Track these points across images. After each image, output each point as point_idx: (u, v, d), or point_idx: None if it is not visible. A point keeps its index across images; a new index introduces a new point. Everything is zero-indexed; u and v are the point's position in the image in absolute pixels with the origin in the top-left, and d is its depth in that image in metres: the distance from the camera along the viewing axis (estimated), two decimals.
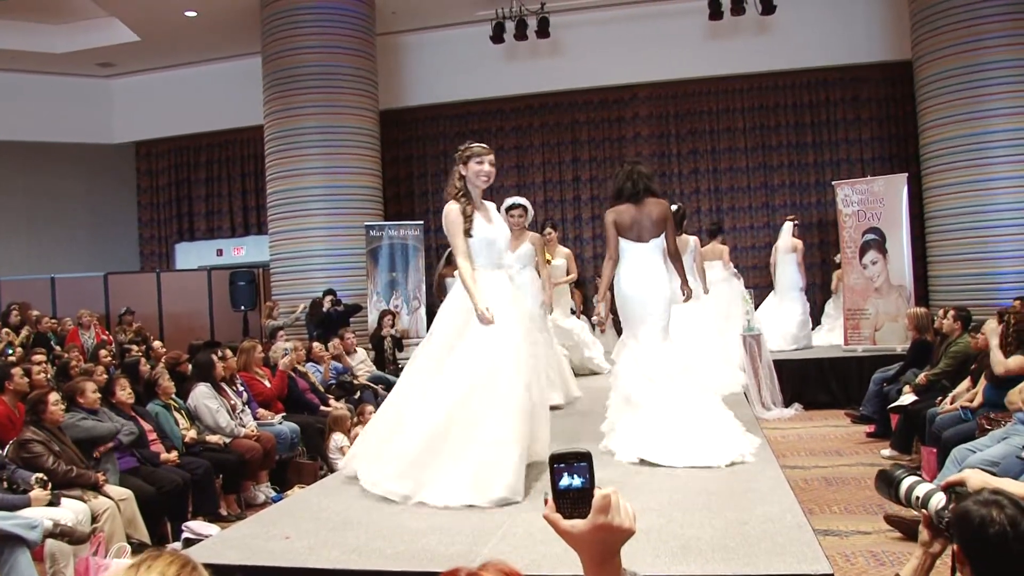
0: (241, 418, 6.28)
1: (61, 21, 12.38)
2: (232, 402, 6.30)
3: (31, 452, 4.50)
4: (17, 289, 11.78)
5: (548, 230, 7.97)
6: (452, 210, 4.01)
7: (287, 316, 10.29)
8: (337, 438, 6.68)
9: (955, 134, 9.71)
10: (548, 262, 7.06)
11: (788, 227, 10.19)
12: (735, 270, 9.50)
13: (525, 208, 6.54)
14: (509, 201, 6.47)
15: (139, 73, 13.80)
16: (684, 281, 4.94)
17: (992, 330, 5.29)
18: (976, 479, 1.72)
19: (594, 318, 6.26)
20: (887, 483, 1.91)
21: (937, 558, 1.77)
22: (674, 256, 4.83)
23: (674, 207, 5.80)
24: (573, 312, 11.97)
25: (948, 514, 1.68)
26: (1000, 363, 5.12)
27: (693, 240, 7.69)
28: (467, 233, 3.99)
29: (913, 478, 1.85)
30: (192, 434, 5.87)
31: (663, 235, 4.73)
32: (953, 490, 1.73)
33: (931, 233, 10.27)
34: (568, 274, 7.96)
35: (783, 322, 9.80)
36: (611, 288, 4.83)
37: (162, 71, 13.67)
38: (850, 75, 11.81)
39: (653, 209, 4.70)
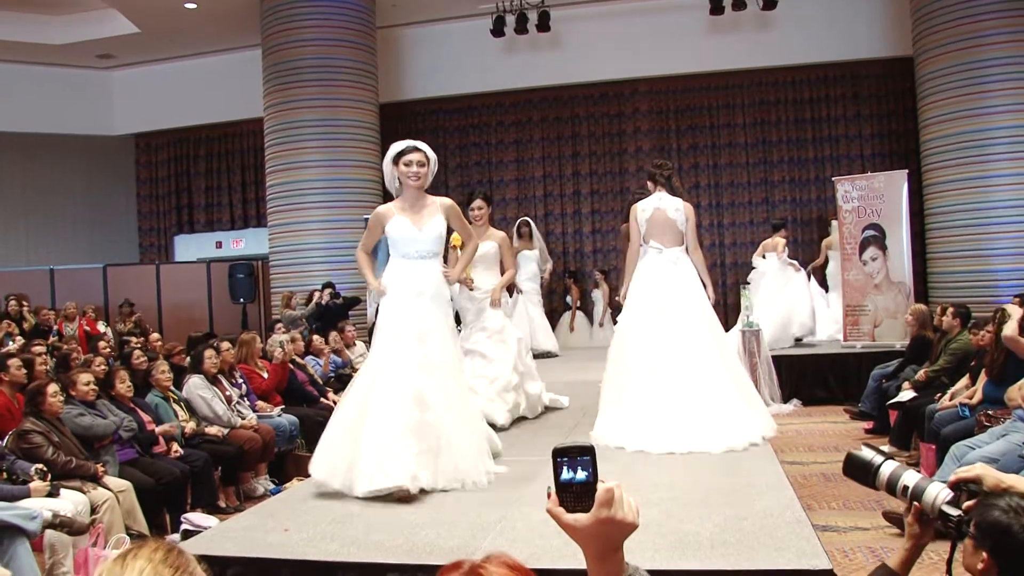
0: (239, 410, 6.28)
1: (60, 12, 12.33)
2: (227, 393, 6.28)
3: (31, 443, 4.50)
4: (16, 281, 11.76)
5: (477, 203, 5.67)
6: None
7: (303, 308, 10.22)
8: None
9: (955, 130, 9.71)
10: (455, 247, 5.27)
11: (837, 225, 10.40)
12: (791, 261, 9.86)
13: (426, 156, 4.21)
14: (399, 146, 4.24)
15: (139, 65, 13.76)
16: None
17: (1014, 310, 5.23)
18: (991, 478, 1.68)
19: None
20: (861, 469, 1.76)
21: (924, 548, 1.75)
22: None
23: None
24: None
25: (959, 513, 1.63)
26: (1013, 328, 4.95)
27: None
28: None
29: (894, 464, 1.74)
30: (192, 425, 5.86)
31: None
32: (966, 487, 1.69)
33: (931, 230, 10.28)
34: (503, 270, 5.74)
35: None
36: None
37: (162, 63, 13.63)
38: (851, 71, 11.79)
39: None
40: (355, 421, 3.86)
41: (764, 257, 10.00)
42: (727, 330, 8.92)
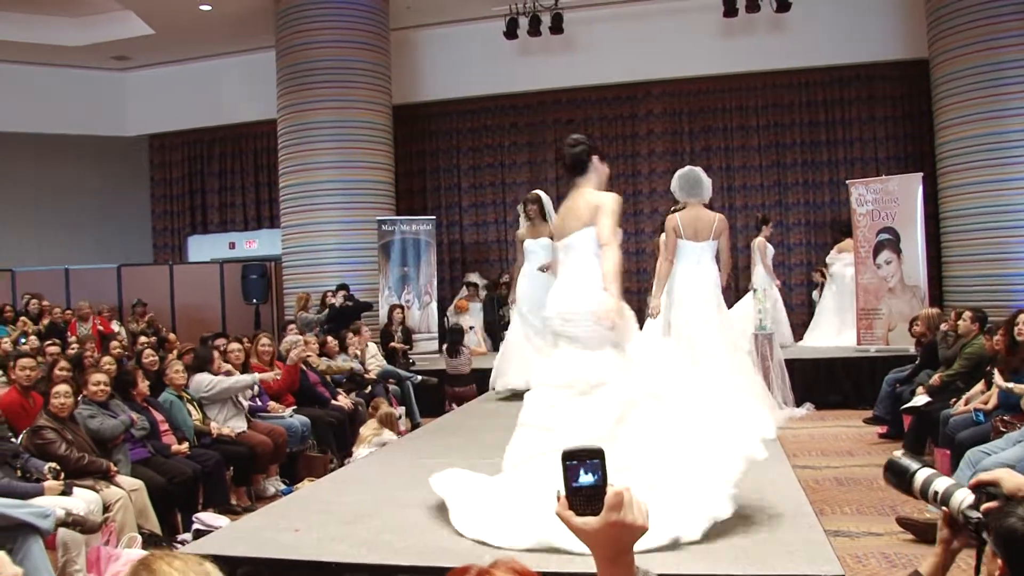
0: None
1: (77, 14, 12.43)
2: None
3: (44, 439, 4.53)
4: (31, 281, 11.86)
5: None
6: None
7: (317, 310, 10.20)
8: (387, 436, 6.43)
9: (972, 133, 9.62)
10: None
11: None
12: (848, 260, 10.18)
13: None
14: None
15: (153, 66, 13.85)
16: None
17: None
18: (1011, 481, 1.66)
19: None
20: (899, 475, 1.77)
21: (957, 554, 1.73)
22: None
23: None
24: None
25: (979, 515, 1.62)
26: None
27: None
28: None
29: (928, 471, 1.73)
30: (215, 426, 5.89)
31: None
32: (985, 490, 1.66)
33: (946, 233, 10.19)
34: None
35: None
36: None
37: (176, 64, 13.71)
38: (865, 73, 11.72)
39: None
40: None
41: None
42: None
